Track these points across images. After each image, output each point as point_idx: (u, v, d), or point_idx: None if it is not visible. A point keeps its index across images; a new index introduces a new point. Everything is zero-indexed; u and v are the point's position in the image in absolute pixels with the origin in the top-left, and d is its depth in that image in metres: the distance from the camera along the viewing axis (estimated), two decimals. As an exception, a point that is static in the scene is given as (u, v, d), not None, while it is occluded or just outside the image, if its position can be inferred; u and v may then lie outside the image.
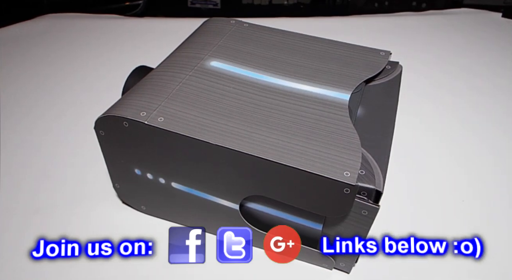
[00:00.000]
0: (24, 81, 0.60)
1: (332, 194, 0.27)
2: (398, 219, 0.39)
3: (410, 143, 0.48)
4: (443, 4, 0.89)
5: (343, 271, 0.35)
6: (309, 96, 0.33)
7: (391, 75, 0.38)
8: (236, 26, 0.42)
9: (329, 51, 0.39)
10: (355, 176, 0.26)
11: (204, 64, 0.36)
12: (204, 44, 0.39)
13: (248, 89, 0.33)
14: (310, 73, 0.36)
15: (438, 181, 0.45)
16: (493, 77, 0.62)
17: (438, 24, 0.77)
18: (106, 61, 0.65)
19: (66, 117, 0.53)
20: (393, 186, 0.34)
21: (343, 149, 0.28)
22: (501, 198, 0.43)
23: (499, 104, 0.57)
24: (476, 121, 0.54)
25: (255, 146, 0.28)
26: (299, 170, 0.27)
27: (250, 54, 0.38)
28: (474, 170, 0.46)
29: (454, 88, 0.60)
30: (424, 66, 0.64)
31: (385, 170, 0.28)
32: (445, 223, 0.40)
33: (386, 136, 0.32)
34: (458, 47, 0.70)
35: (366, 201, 0.28)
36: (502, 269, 0.36)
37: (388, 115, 0.34)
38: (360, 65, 0.37)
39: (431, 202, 0.42)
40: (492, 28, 0.76)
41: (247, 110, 0.31)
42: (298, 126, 0.30)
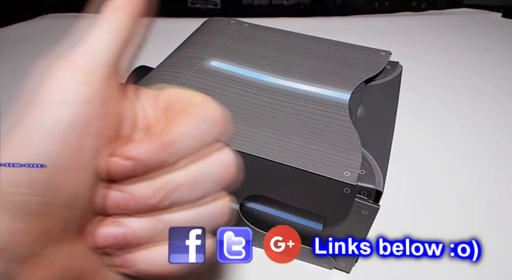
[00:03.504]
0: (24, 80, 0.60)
1: (332, 194, 0.27)
2: (398, 220, 0.39)
3: (410, 143, 0.48)
4: (443, 4, 0.89)
5: (343, 271, 0.35)
6: (309, 96, 0.33)
7: (391, 75, 0.38)
8: (236, 26, 0.42)
9: (329, 51, 0.39)
10: (355, 176, 0.26)
11: (204, 64, 0.36)
12: (204, 44, 0.39)
13: (248, 89, 0.33)
14: (310, 73, 0.36)
15: (438, 181, 0.45)
16: (493, 77, 0.62)
17: (438, 24, 0.77)
18: (106, 61, 0.65)
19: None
20: (392, 186, 0.34)
21: (343, 149, 0.28)
22: (502, 200, 0.43)
23: (499, 104, 0.57)
24: (476, 121, 0.54)
25: (255, 146, 0.28)
26: (299, 169, 0.27)
27: (250, 54, 0.38)
28: (475, 171, 0.46)
29: (454, 88, 0.60)
30: (424, 66, 0.64)
31: (385, 170, 0.28)
32: (445, 224, 0.40)
33: (386, 136, 0.32)
34: (458, 47, 0.70)
35: (366, 200, 0.28)
36: (499, 273, 0.36)
37: (388, 115, 0.34)
38: (360, 65, 0.37)
39: (431, 203, 0.42)
40: (492, 28, 0.76)
41: (247, 110, 0.31)
42: (298, 126, 0.30)
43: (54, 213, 0.15)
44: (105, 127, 0.17)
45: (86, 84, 0.16)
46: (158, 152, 0.17)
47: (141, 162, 0.17)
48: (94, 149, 0.16)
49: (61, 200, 0.15)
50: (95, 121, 0.16)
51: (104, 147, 0.17)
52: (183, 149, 0.17)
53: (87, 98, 0.16)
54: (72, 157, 0.15)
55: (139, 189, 0.17)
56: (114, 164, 0.17)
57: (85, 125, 0.16)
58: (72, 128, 0.15)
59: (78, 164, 0.16)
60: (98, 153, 0.16)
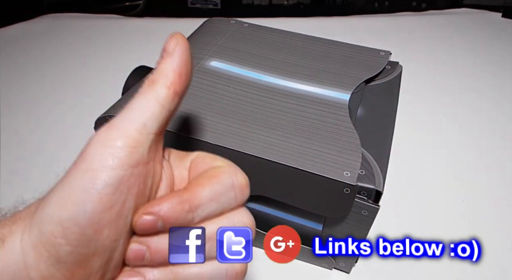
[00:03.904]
0: (24, 81, 0.60)
1: (332, 194, 0.27)
2: (398, 220, 0.39)
3: (410, 143, 0.48)
4: (443, 4, 0.89)
5: (343, 271, 0.35)
6: (309, 96, 0.33)
7: (391, 75, 0.38)
8: (236, 26, 0.42)
9: (329, 51, 0.39)
10: (355, 176, 0.26)
11: (204, 64, 0.36)
12: (204, 44, 0.39)
13: (248, 89, 0.33)
14: (310, 73, 0.36)
15: (438, 181, 0.45)
16: (493, 77, 0.62)
17: (438, 24, 0.77)
18: (106, 61, 0.65)
19: (65, 117, 0.53)
20: (393, 186, 0.34)
21: (343, 149, 0.28)
22: (502, 200, 0.43)
23: (499, 104, 0.57)
24: (476, 121, 0.54)
25: (255, 146, 0.28)
26: (299, 170, 0.27)
27: (250, 54, 0.38)
28: (475, 171, 0.46)
29: (454, 88, 0.60)
30: (424, 66, 0.64)
31: (385, 170, 0.28)
32: (445, 224, 0.40)
33: (386, 136, 0.31)
34: (458, 47, 0.70)
35: (366, 201, 0.28)
36: (499, 274, 0.36)
37: (388, 115, 0.34)
38: (360, 65, 0.37)
39: (431, 203, 0.42)
40: (492, 28, 0.76)
41: (247, 110, 0.31)
42: (298, 126, 0.30)
43: (90, 263, 0.17)
44: (137, 186, 0.18)
45: (133, 151, 0.17)
46: (180, 211, 0.18)
47: (162, 218, 0.18)
48: (126, 206, 0.17)
49: (93, 251, 0.17)
50: (127, 180, 0.17)
51: (134, 204, 0.18)
52: (206, 211, 0.19)
53: (132, 163, 0.17)
54: (103, 213, 0.16)
55: (156, 241, 0.18)
56: (137, 218, 0.18)
57: (119, 184, 0.17)
58: (106, 186, 0.17)
59: (110, 219, 0.17)
60: (129, 209, 0.18)
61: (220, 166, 0.20)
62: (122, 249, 0.18)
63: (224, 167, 0.20)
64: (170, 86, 0.19)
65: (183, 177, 0.21)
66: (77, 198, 0.16)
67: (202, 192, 0.19)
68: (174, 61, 0.19)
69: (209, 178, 0.19)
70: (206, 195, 0.19)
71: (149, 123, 0.18)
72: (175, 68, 0.19)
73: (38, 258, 0.16)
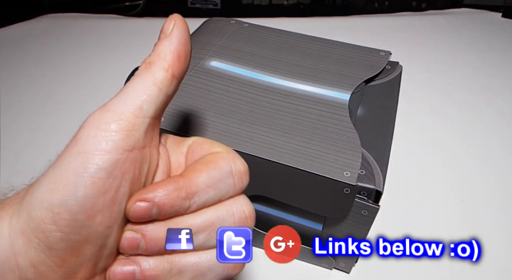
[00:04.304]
0: (24, 81, 0.60)
1: (332, 194, 0.27)
2: (398, 220, 0.39)
3: (410, 143, 0.48)
4: (443, 4, 0.89)
5: (343, 271, 0.35)
6: (309, 96, 0.33)
7: (391, 75, 0.38)
8: (236, 26, 0.42)
9: (329, 51, 0.39)
10: (355, 176, 0.26)
11: (204, 64, 0.36)
12: (204, 44, 0.39)
13: (248, 89, 0.33)
14: (310, 73, 0.36)
15: (438, 181, 0.45)
16: (493, 77, 0.62)
17: (438, 24, 0.77)
18: (106, 61, 0.65)
19: (66, 117, 0.53)
20: (393, 186, 0.34)
21: (343, 149, 0.28)
22: (502, 200, 0.43)
23: (499, 104, 0.57)
24: (476, 121, 0.54)
25: (255, 146, 0.28)
26: (299, 170, 0.27)
27: (250, 54, 0.38)
28: (475, 171, 0.46)
29: (454, 87, 0.60)
30: (424, 66, 0.64)
31: (385, 170, 0.28)
32: (445, 224, 0.40)
33: (386, 136, 0.31)
34: (458, 47, 0.70)
35: (366, 201, 0.28)
36: (499, 274, 0.36)
37: (388, 115, 0.34)
38: (360, 65, 0.37)
39: (431, 203, 0.42)
40: (492, 28, 0.76)
41: (247, 110, 0.31)
42: (298, 126, 0.30)
43: (82, 251, 0.16)
44: (132, 171, 0.17)
45: (128, 135, 0.17)
46: (176, 198, 0.17)
47: (157, 205, 0.17)
48: (120, 192, 0.17)
49: (85, 238, 0.16)
50: (122, 165, 0.16)
51: (129, 190, 0.17)
52: (203, 198, 0.18)
53: (127, 147, 0.17)
54: (96, 198, 0.16)
55: (151, 229, 0.18)
56: (130, 204, 0.17)
57: (113, 168, 0.16)
58: (99, 170, 0.16)
59: (103, 205, 0.16)
60: (124, 195, 0.17)
61: (218, 151, 0.19)
62: (116, 237, 0.17)
63: (223, 153, 0.19)
64: (168, 68, 0.18)
65: (180, 163, 0.20)
66: (68, 182, 0.15)
67: (199, 178, 0.18)
68: (172, 43, 0.19)
69: (206, 163, 0.18)
70: (203, 181, 0.18)
71: (146, 106, 0.17)
72: (173, 50, 0.18)
73: (27, 245, 0.15)
